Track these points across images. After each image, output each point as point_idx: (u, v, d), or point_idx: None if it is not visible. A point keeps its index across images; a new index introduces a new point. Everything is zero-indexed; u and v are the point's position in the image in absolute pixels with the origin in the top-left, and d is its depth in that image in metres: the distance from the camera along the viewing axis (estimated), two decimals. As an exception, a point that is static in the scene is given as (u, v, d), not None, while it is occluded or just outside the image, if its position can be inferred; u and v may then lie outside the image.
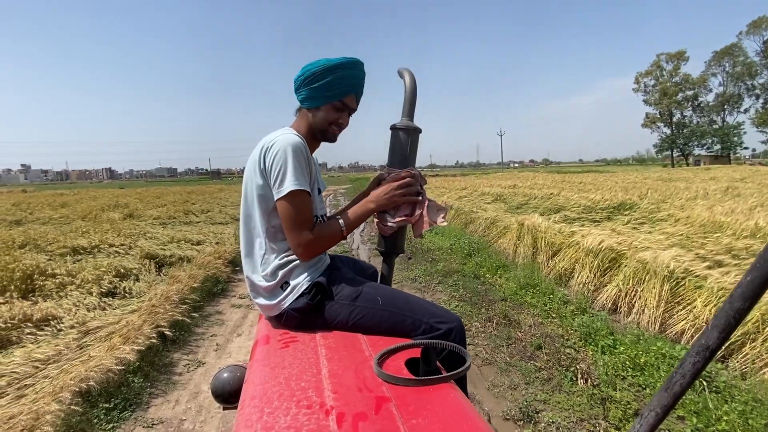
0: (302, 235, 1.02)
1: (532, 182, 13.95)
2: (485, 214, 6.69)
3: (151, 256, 4.92)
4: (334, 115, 1.12)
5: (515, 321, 3.03)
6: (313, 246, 1.05)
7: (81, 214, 9.52)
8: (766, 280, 0.36)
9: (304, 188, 1.02)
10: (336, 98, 1.10)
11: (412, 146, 1.21)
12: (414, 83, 1.20)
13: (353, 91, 1.13)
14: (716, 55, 47.74)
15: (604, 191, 8.70)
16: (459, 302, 3.44)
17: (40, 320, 3.07)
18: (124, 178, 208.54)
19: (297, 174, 1.01)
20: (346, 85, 1.10)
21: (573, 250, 4.10)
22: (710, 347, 0.40)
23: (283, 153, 1.01)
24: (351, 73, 1.10)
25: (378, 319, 0.98)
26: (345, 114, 1.14)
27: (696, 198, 7.08)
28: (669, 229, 4.42)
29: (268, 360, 0.81)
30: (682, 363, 0.42)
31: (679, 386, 0.42)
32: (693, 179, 13.16)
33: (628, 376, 2.22)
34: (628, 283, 3.31)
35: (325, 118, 1.12)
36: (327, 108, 1.11)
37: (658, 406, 0.44)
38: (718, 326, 0.39)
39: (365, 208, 1.15)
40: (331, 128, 1.14)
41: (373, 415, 0.60)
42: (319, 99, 1.10)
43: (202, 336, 2.96)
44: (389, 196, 1.14)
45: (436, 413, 0.62)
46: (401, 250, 1.26)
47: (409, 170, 1.17)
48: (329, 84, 1.08)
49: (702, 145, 49.00)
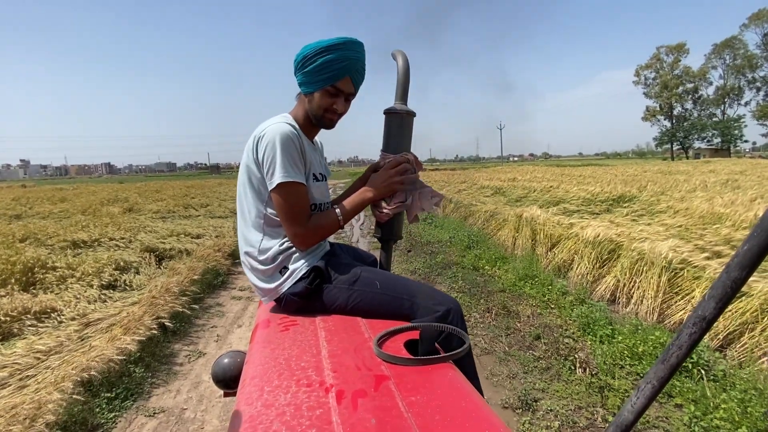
0: (297, 226, 1.02)
1: (531, 175, 13.95)
2: (484, 207, 6.70)
3: (151, 249, 4.92)
4: (328, 100, 1.06)
5: (514, 312, 3.04)
6: (310, 236, 1.04)
7: (81, 208, 9.51)
8: (764, 249, 0.36)
9: (293, 179, 1.00)
10: (328, 82, 1.04)
11: (407, 130, 1.18)
12: (407, 65, 1.17)
13: (347, 74, 1.05)
14: (716, 48, 47.47)
15: (603, 184, 8.70)
16: (458, 293, 3.45)
17: (40, 312, 3.08)
18: (123, 173, 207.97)
19: (286, 165, 0.99)
20: (339, 67, 1.03)
21: (572, 242, 4.11)
22: (707, 318, 0.40)
23: (272, 144, 0.99)
24: (344, 54, 1.03)
25: (376, 303, 0.99)
26: (340, 99, 1.08)
27: (695, 190, 7.09)
28: (668, 220, 4.43)
29: (268, 342, 0.82)
30: (678, 334, 0.42)
31: (675, 358, 0.43)
32: (693, 172, 13.15)
33: (626, 365, 2.24)
34: (627, 274, 3.32)
35: (319, 104, 1.07)
36: (321, 93, 1.05)
37: (654, 378, 0.44)
38: (714, 296, 0.39)
39: (363, 197, 1.13)
40: (327, 115, 1.09)
41: (373, 392, 0.61)
42: (312, 84, 1.05)
43: (202, 327, 2.97)
44: (387, 184, 1.13)
45: (435, 391, 0.63)
46: (399, 237, 1.25)
47: (404, 155, 1.16)
48: (321, 67, 1.02)
49: (702, 138, 48.91)
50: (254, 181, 1.05)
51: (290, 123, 1.06)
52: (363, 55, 1.09)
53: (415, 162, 1.18)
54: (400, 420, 0.54)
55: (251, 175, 1.05)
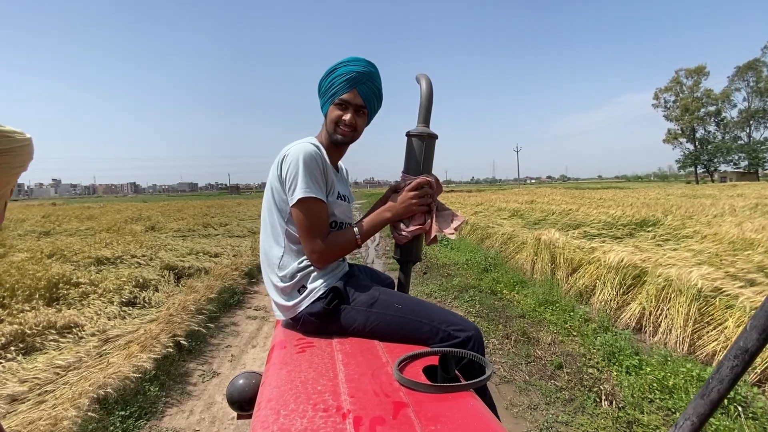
0: (315, 242, 1.03)
1: (549, 198, 13.74)
2: (501, 229, 6.60)
3: (171, 267, 5.02)
4: (337, 113, 1.12)
5: (534, 338, 2.94)
6: (327, 253, 1.05)
7: (106, 226, 9.83)
8: None
9: (313, 195, 1.02)
10: (336, 96, 1.10)
11: (428, 152, 1.19)
12: (430, 89, 1.19)
13: (353, 87, 1.10)
14: (739, 70, 46.78)
15: (625, 207, 8.49)
16: (476, 318, 3.37)
17: (63, 327, 3.15)
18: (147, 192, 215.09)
19: (307, 181, 1.02)
20: (344, 80, 1.09)
21: (594, 267, 3.99)
22: (749, 350, 0.38)
23: (296, 162, 1.03)
24: (348, 69, 1.09)
25: (395, 326, 0.97)
26: (349, 111, 1.11)
27: (723, 215, 6.84)
28: (696, 246, 4.26)
29: (285, 364, 0.80)
30: (719, 367, 0.40)
31: (716, 392, 0.40)
32: (719, 196, 12.73)
33: (655, 398, 2.11)
34: (653, 302, 3.18)
35: (331, 119, 1.13)
36: (332, 109, 1.12)
37: (693, 415, 0.42)
38: (757, 327, 0.37)
39: (381, 217, 1.15)
40: (338, 128, 1.13)
41: (391, 420, 0.59)
42: (326, 102, 1.13)
43: (217, 346, 2.97)
44: (405, 205, 1.14)
45: (456, 421, 0.60)
46: (417, 258, 1.23)
47: (425, 177, 1.15)
48: (330, 84, 1.11)
49: (728, 161, 47.58)
50: (277, 198, 1.09)
51: (314, 143, 1.11)
52: (370, 70, 1.12)
53: (435, 184, 1.18)
54: None
55: (275, 192, 1.09)
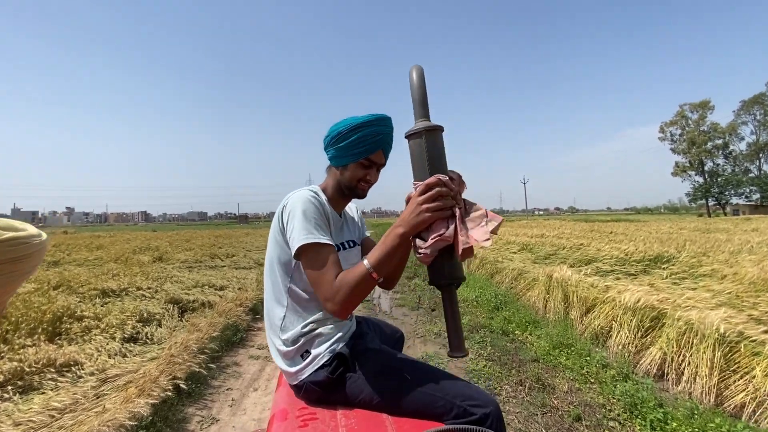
0: (327, 290, 0.93)
1: (559, 231, 13.58)
2: (512, 264, 6.47)
3: (175, 300, 4.96)
4: (361, 172, 1.10)
5: (549, 385, 2.78)
6: (340, 299, 0.92)
7: (114, 256, 9.87)
8: None
9: (316, 240, 0.96)
10: (362, 156, 1.08)
11: (434, 149, 0.94)
12: (421, 79, 1.00)
13: (380, 147, 1.09)
14: (745, 104, 47.23)
15: (637, 242, 8.33)
16: (487, 362, 3.22)
17: (62, 365, 3.07)
18: (157, 221, 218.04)
19: (308, 227, 0.97)
20: (372, 141, 1.07)
21: (609, 307, 3.84)
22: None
23: (294, 209, 1.00)
24: (376, 129, 1.07)
25: (406, 399, 0.89)
26: (373, 170, 1.11)
27: (740, 252, 6.64)
28: (715, 286, 4.10)
29: (284, 441, 0.74)
30: None
31: None
32: (733, 230, 12.46)
33: (685, 459, 1.95)
34: (674, 346, 3.03)
35: (352, 176, 1.10)
36: (354, 166, 1.09)
37: None
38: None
39: (393, 235, 0.93)
40: (360, 185, 1.12)
41: None
42: (346, 157, 1.09)
43: (217, 389, 2.86)
44: (417, 213, 0.90)
45: None
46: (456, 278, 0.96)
47: (436, 177, 0.91)
48: (355, 142, 1.06)
49: (739, 194, 47.13)
50: (280, 252, 1.05)
51: (314, 191, 1.09)
52: (392, 129, 1.12)
53: (456, 181, 0.93)
54: None
55: (278, 245, 1.05)
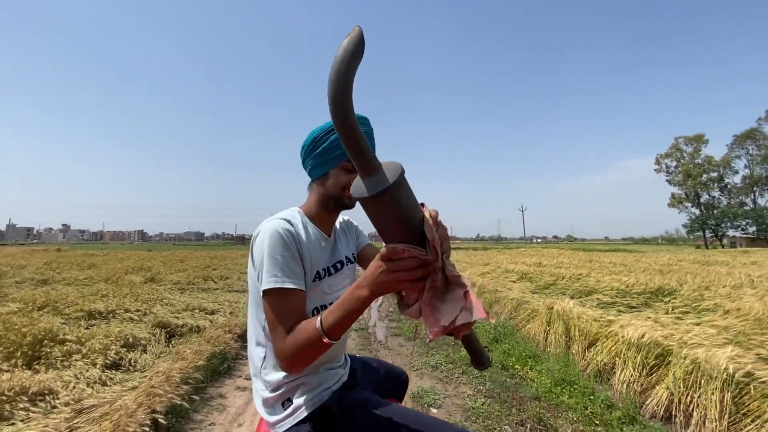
0: (277, 342, 0.84)
1: (557, 260, 13.48)
2: (511, 294, 6.34)
3: (164, 324, 4.79)
4: (344, 177, 1.00)
5: (552, 427, 2.63)
6: (288, 357, 0.81)
7: (105, 276, 9.66)
8: None
9: (275, 285, 0.87)
10: (343, 158, 0.98)
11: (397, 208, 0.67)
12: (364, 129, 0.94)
13: None
14: (738, 139, 48.24)
15: (638, 273, 8.23)
16: (486, 398, 3.06)
17: (36, 393, 2.90)
18: (154, 240, 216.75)
19: (272, 269, 0.88)
20: None
21: (612, 342, 3.71)
22: None
23: (261, 246, 0.91)
24: None
25: None
26: (356, 175, 1.00)
27: (742, 286, 6.55)
28: (719, 321, 3.99)
29: None
30: None
31: None
32: (732, 263, 12.39)
33: None
34: (681, 387, 2.89)
35: (335, 183, 1.00)
36: (335, 172, 1.00)
37: None
38: None
39: (356, 297, 0.77)
40: (345, 192, 1.01)
41: None
42: (325, 165, 1.00)
43: (199, 424, 2.69)
44: (375, 279, 0.74)
45: None
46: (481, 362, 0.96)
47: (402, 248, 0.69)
48: (333, 145, 0.97)
49: (735, 226, 47.41)
50: (253, 286, 0.96)
51: (287, 219, 0.97)
52: (372, 129, 1.03)
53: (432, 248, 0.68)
54: None
55: (253, 279, 0.95)
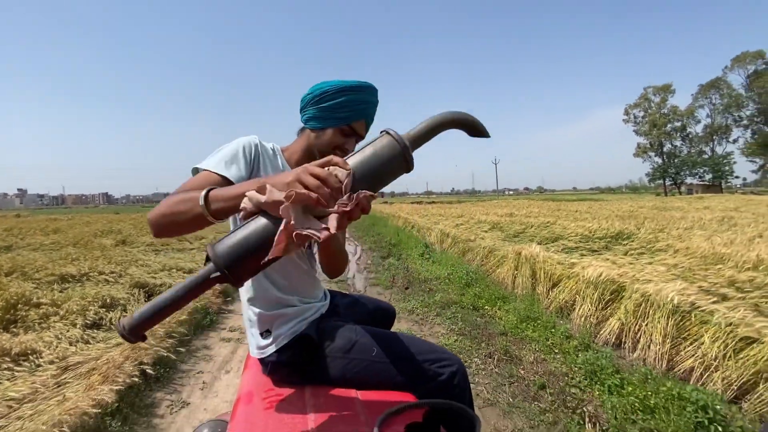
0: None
1: (527, 210, 13.99)
2: (482, 243, 6.63)
3: (141, 285, 4.78)
4: (340, 139, 1.02)
5: (516, 357, 2.91)
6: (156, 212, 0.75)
7: (73, 240, 9.35)
8: None
9: (205, 167, 0.87)
10: (345, 121, 1.00)
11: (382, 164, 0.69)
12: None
13: (363, 117, 1.03)
14: (702, 89, 49.53)
15: (600, 220, 8.71)
16: (458, 336, 3.32)
17: (19, 354, 2.92)
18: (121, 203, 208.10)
19: (217, 158, 0.91)
20: (357, 109, 1.00)
21: (573, 282, 4.02)
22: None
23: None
24: (364, 97, 1.00)
25: (375, 372, 0.89)
26: (352, 140, 1.04)
27: (693, 228, 7.08)
28: (669, 260, 4.36)
29: (249, 422, 0.72)
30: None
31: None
32: (687, 208, 13.25)
33: (638, 419, 2.10)
34: (631, 317, 3.22)
35: (330, 142, 1.02)
36: (334, 131, 1.01)
37: None
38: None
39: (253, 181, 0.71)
40: (335, 152, 1.02)
41: None
42: (326, 120, 1.01)
43: (187, 373, 2.81)
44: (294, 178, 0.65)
45: None
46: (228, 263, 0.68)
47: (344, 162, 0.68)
48: (339, 105, 0.98)
49: (694, 174, 50.01)
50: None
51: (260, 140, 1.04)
52: (378, 101, 1.06)
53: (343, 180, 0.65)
54: None
55: None
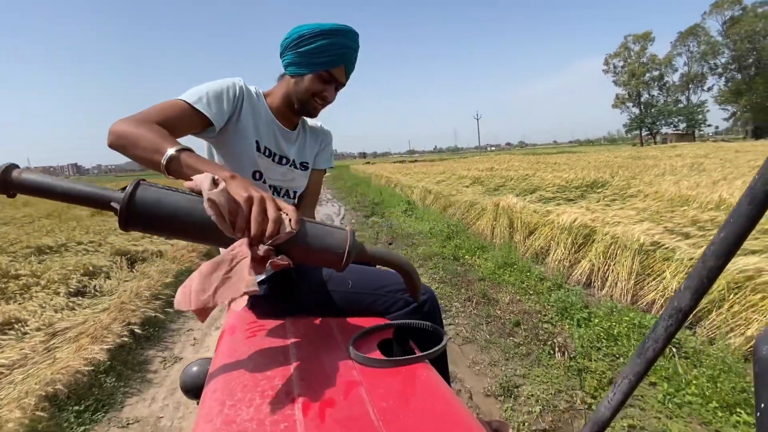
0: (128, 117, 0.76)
1: (508, 164, 14.14)
2: (463, 197, 6.73)
3: (122, 252, 4.74)
4: (318, 86, 0.98)
5: (494, 299, 3.07)
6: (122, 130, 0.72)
7: (45, 212, 9.07)
8: (740, 237, 0.34)
9: (187, 100, 0.85)
10: (324, 67, 0.96)
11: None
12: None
13: (343, 62, 0.98)
14: (681, 36, 49.21)
15: (577, 170, 8.90)
16: (440, 284, 3.46)
17: (3, 324, 2.92)
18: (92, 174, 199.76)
19: (199, 92, 0.89)
20: (337, 54, 0.96)
21: (548, 229, 4.17)
22: (683, 309, 0.38)
23: None
24: (344, 42, 0.96)
25: (350, 302, 0.95)
26: (331, 87, 1.01)
27: (664, 174, 7.33)
28: (639, 204, 4.56)
29: (233, 351, 0.77)
30: (654, 328, 0.40)
31: (651, 351, 0.41)
32: (660, 157, 13.64)
33: (602, 347, 2.29)
34: (601, 258, 3.40)
35: (308, 88, 0.99)
36: (312, 77, 0.98)
37: (631, 373, 0.43)
38: (690, 287, 0.38)
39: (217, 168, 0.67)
40: (314, 100, 1.00)
41: (342, 401, 0.57)
42: (305, 66, 0.97)
43: (177, 331, 2.88)
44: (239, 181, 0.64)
45: (408, 394, 0.60)
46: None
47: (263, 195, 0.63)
48: (318, 49, 0.94)
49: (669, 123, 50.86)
50: None
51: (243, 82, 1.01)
52: (358, 47, 1.02)
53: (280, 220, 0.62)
54: (370, 428, 0.51)
55: None
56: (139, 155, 0.71)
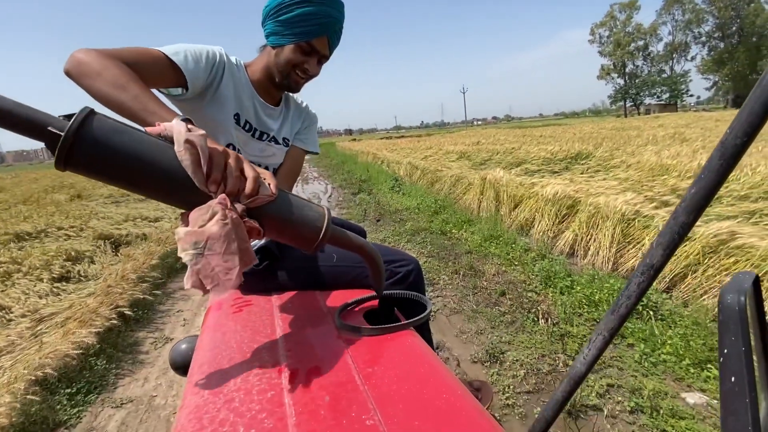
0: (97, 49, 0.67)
1: (494, 138, 14.15)
2: (450, 172, 6.74)
3: (106, 236, 4.65)
4: (300, 57, 0.93)
5: (480, 271, 3.13)
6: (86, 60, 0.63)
7: (21, 198, 8.77)
8: (710, 191, 0.35)
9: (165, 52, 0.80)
10: (304, 37, 0.91)
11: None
12: None
13: (325, 33, 0.93)
14: (667, 3, 48.85)
15: (562, 143, 8.96)
16: (427, 258, 3.51)
17: (-15, 312, 2.87)
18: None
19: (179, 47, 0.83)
20: (318, 23, 0.90)
21: (533, 201, 4.23)
22: (655, 265, 0.39)
23: None
24: (326, 10, 0.90)
25: (335, 275, 0.96)
26: (313, 59, 0.96)
27: (646, 145, 7.44)
28: (621, 174, 4.64)
29: (220, 326, 0.77)
30: (627, 284, 0.42)
31: (624, 308, 0.42)
32: (643, 127, 13.79)
33: (584, 312, 2.38)
34: (584, 228, 3.48)
35: (289, 60, 0.94)
36: (293, 48, 0.93)
37: (605, 330, 0.44)
38: (662, 243, 0.38)
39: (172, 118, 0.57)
40: (294, 73, 0.96)
41: (328, 368, 0.59)
42: (285, 36, 0.92)
43: (167, 313, 2.87)
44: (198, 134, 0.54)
45: (393, 360, 0.62)
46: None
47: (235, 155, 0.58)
48: (298, 18, 0.89)
49: (652, 94, 51.20)
50: None
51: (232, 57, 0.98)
52: (343, 17, 0.96)
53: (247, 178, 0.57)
54: (355, 394, 0.53)
55: None
56: (98, 89, 0.62)
